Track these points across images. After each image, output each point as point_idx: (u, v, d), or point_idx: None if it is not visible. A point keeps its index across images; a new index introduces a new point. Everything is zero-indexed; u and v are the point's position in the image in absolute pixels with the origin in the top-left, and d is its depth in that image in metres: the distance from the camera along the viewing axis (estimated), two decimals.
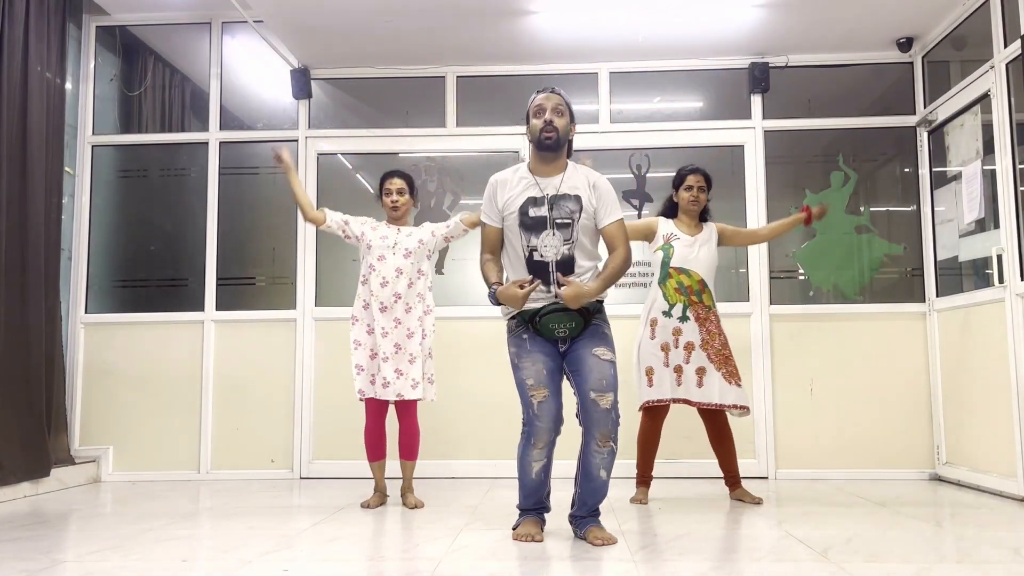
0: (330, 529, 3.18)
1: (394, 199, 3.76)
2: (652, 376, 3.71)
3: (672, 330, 3.73)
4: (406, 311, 3.68)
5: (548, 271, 2.84)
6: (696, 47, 4.82)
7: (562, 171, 2.93)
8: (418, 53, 4.88)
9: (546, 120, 2.87)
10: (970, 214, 4.25)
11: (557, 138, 2.87)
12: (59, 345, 4.57)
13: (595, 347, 2.85)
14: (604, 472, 2.86)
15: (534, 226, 2.86)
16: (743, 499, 3.78)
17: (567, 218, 2.85)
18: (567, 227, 2.85)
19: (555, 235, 2.84)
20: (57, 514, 3.65)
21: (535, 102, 2.93)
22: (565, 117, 2.91)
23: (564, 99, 2.93)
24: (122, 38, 5.23)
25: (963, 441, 4.34)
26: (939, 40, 4.62)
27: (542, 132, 2.87)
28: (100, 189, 5.11)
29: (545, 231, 2.85)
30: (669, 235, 3.81)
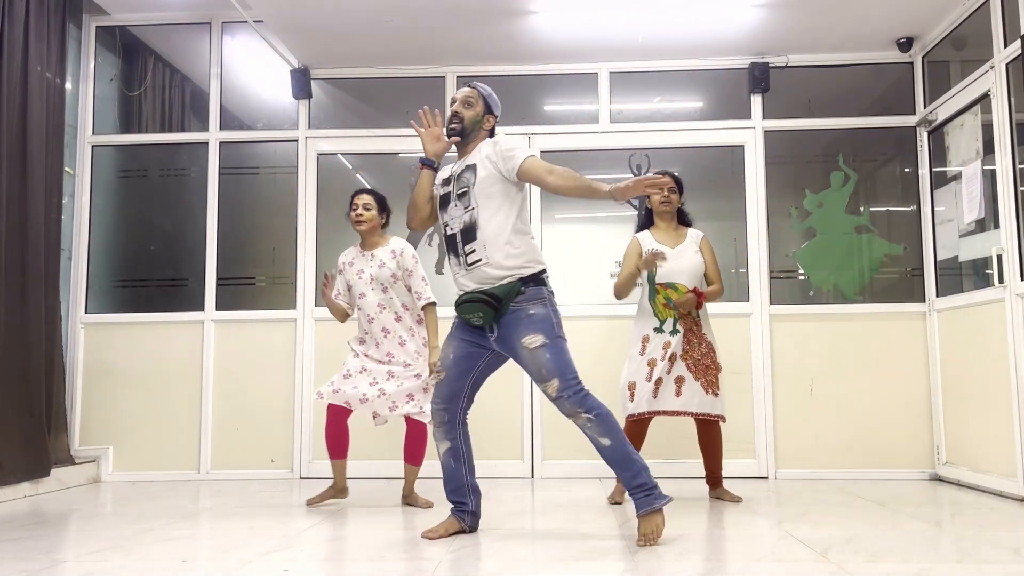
0: (330, 529, 3.18)
1: (359, 213, 3.73)
2: (634, 391, 3.69)
3: (663, 344, 3.70)
4: (400, 345, 3.69)
5: (456, 242, 2.95)
6: (696, 47, 4.82)
7: (476, 149, 3.03)
8: (418, 53, 4.88)
9: (453, 112, 3.06)
10: (970, 214, 4.25)
11: (462, 127, 3.03)
12: (59, 345, 4.57)
13: (521, 337, 2.82)
14: (604, 439, 2.80)
15: (443, 203, 3.03)
16: (723, 497, 3.79)
17: (463, 187, 2.96)
18: (464, 195, 2.95)
19: (456, 206, 2.97)
20: (57, 514, 3.65)
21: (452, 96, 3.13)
22: (474, 108, 3.04)
23: (480, 92, 3.08)
24: (122, 38, 5.23)
25: (963, 441, 4.34)
26: (939, 40, 4.62)
27: (449, 122, 3.06)
28: (100, 189, 5.11)
29: (449, 204, 3.00)
30: (651, 251, 3.70)
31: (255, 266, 5.14)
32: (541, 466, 4.74)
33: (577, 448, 4.56)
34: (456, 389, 2.97)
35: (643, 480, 2.81)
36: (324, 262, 4.98)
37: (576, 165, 5.03)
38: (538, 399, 4.73)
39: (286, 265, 5.00)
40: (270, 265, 5.11)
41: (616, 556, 2.65)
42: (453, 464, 2.99)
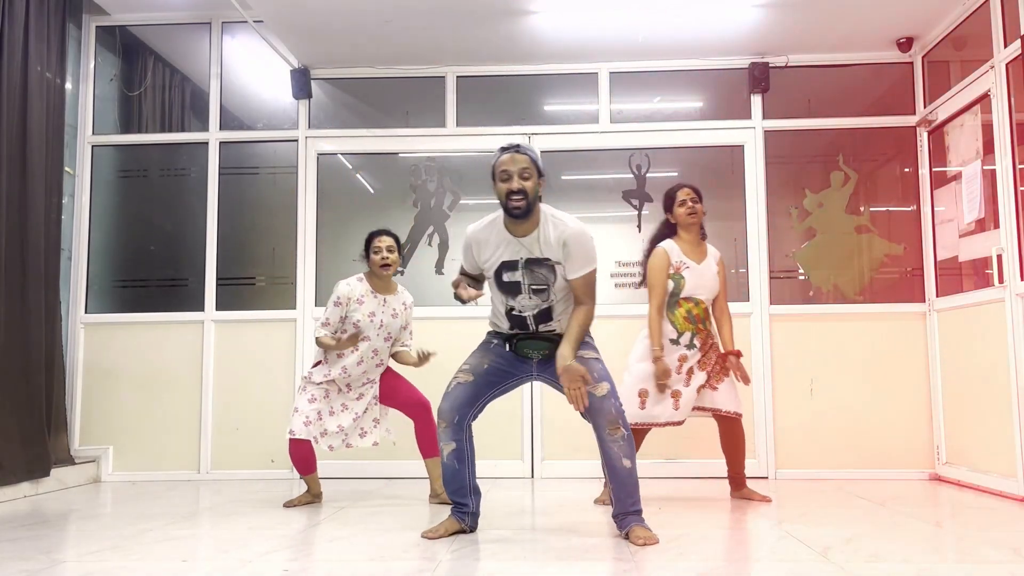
0: (330, 529, 3.18)
1: (384, 256, 3.67)
2: (645, 399, 3.64)
3: (678, 357, 3.66)
4: (368, 384, 3.77)
5: (527, 323, 2.95)
6: (696, 47, 4.82)
7: (536, 227, 2.87)
8: (418, 53, 4.88)
9: (513, 189, 2.79)
10: (970, 214, 4.25)
11: (527, 204, 2.79)
12: (59, 345, 4.57)
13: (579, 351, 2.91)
14: (626, 460, 2.84)
15: (509, 289, 2.92)
16: (751, 498, 3.77)
17: (542, 284, 2.89)
18: (542, 292, 2.90)
19: (531, 299, 2.90)
20: (57, 514, 3.65)
21: (500, 164, 2.84)
22: (532, 179, 2.81)
23: (530, 157, 2.83)
24: (122, 38, 5.23)
25: (963, 441, 4.34)
26: (939, 40, 4.62)
27: (509, 199, 2.80)
28: (100, 189, 5.11)
29: (521, 295, 2.90)
30: (680, 264, 3.70)
31: (255, 266, 5.14)
32: (541, 466, 4.74)
33: (576, 448, 4.57)
34: (477, 395, 2.97)
35: (640, 505, 2.91)
36: (324, 262, 4.98)
37: (576, 165, 5.08)
38: (538, 399, 4.73)
39: (286, 265, 5.00)
40: (270, 265, 5.11)
41: (616, 556, 2.65)
42: (456, 466, 2.98)
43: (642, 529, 2.84)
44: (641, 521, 2.88)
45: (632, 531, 2.84)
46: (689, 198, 3.75)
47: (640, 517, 2.89)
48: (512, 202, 2.79)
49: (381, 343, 3.69)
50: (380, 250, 3.68)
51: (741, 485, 3.84)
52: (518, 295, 2.90)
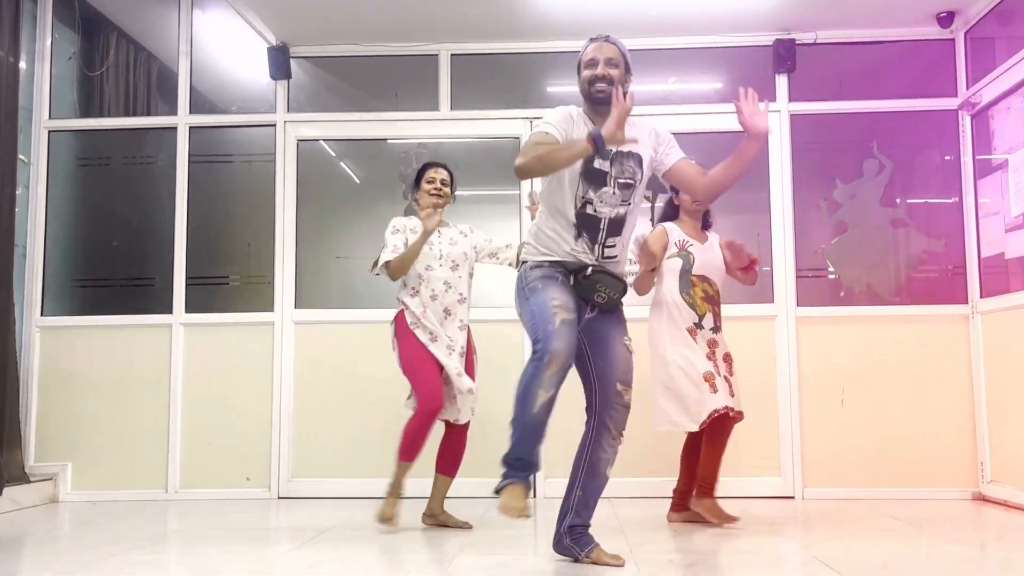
0: (312, 554, 3.19)
1: (438, 187, 3.80)
2: (714, 381, 3.62)
3: (708, 341, 3.71)
4: (459, 329, 3.74)
5: (599, 227, 2.88)
6: (714, 22, 4.81)
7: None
8: (408, 29, 4.88)
9: (597, 74, 2.88)
10: (1017, 206, 4.25)
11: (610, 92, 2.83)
12: (12, 351, 4.57)
13: (623, 335, 2.94)
14: (609, 468, 2.91)
15: (595, 178, 2.87)
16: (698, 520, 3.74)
17: (630, 178, 2.90)
18: (628, 188, 2.90)
19: (615, 194, 2.88)
20: (11, 537, 3.65)
21: (586, 53, 2.95)
22: (620, 68, 2.91)
23: (620, 48, 2.94)
24: (82, 12, 5.22)
25: (1010, 457, 4.34)
26: (983, 14, 4.62)
27: (592, 84, 2.88)
28: (58, 178, 5.12)
29: (605, 188, 2.87)
30: (683, 241, 3.78)
31: (228, 264, 5.15)
32: (544, 484, 4.73)
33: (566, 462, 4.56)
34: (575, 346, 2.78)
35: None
36: (305, 260, 4.98)
37: None
38: None
39: (263, 263, 5.01)
40: (245, 263, 5.11)
41: None
42: (544, 418, 2.71)
43: (603, 552, 2.85)
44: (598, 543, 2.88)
45: (597, 552, 2.84)
46: None
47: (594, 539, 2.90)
48: (596, 87, 2.86)
49: (448, 272, 3.74)
50: (434, 180, 3.81)
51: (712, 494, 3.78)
52: (602, 187, 2.87)
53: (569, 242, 2.88)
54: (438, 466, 3.81)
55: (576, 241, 2.88)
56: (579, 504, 2.89)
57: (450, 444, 3.78)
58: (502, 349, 4.74)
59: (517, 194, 4.86)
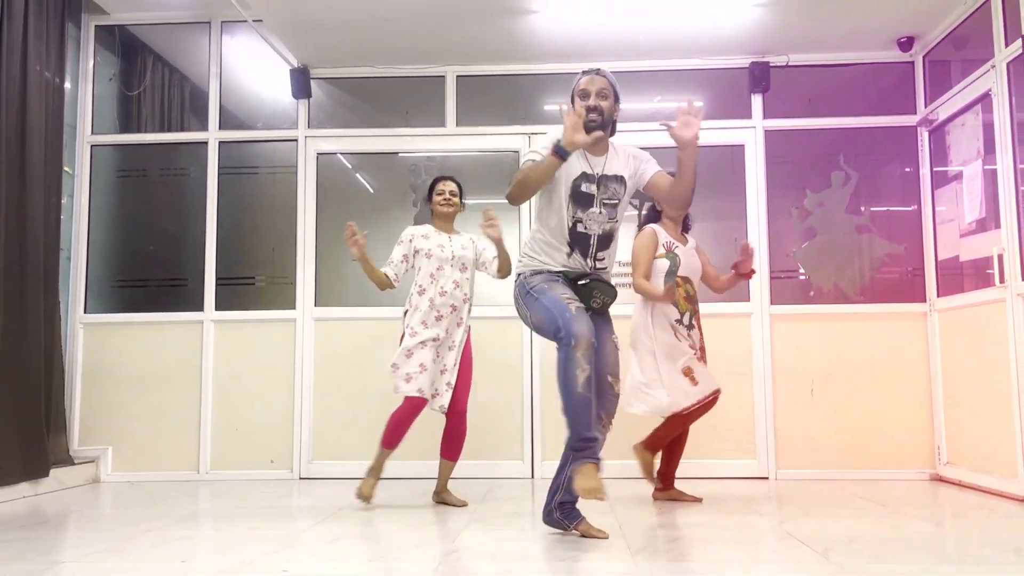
0: (330, 529, 3.18)
1: (447, 197, 3.85)
2: (693, 374, 3.62)
3: (680, 337, 3.70)
4: (457, 325, 3.75)
5: (589, 243, 2.95)
6: (696, 46, 4.81)
7: (605, 152, 3.02)
8: (418, 52, 4.88)
9: (590, 106, 2.92)
10: (971, 214, 4.25)
11: (601, 120, 2.93)
12: (58, 345, 4.56)
13: (611, 333, 3.00)
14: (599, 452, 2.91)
15: (583, 200, 2.93)
16: (680, 498, 3.77)
17: (613, 198, 2.97)
18: (613, 207, 2.97)
19: (602, 213, 2.95)
20: (56, 515, 3.64)
21: (579, 85, 2.99)
22: (610, 99, 2.97)
23: (609, 81, 2.99)
24: (121, 37, 5.22)
25: (964, 441, 4.34)
26: (940, 39, 4.61)
27: (587, 115, 2.90)
28: (99, 189, 5.11)
29: (592, 208, 2.93)
30: (669, 243, 3.79)
31: (254, 266, 5.13)
32: (541, 466, 4.73)
33: None
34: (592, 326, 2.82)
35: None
36: (324, 262, 4.97)
37: None
38: (538, 398, 4.72)
39: (286, 265, 5.00)
40: (269, 265, 5.10)
41: (615, 556, 2.64)
42: (589, 394, 2.72)
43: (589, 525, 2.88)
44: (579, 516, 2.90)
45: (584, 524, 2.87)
46: None
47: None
48: (588, 119, 2.89)
49: (458, 274, 3.75)
50: (443, 192, 3.86)
51: (672, 485, 3.82)
52: (589, 208, 2.93)
53: (562, 258, 2.95)
54: (442, 451, 3.80)
55: (569, 257, 2.94)
56: (569, 483, 2.87)
57: (452, 432, 3.78)
58: (504, 345, 4.74)
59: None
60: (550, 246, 2.96)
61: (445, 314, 3.71)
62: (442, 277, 3.73)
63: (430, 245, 3.77)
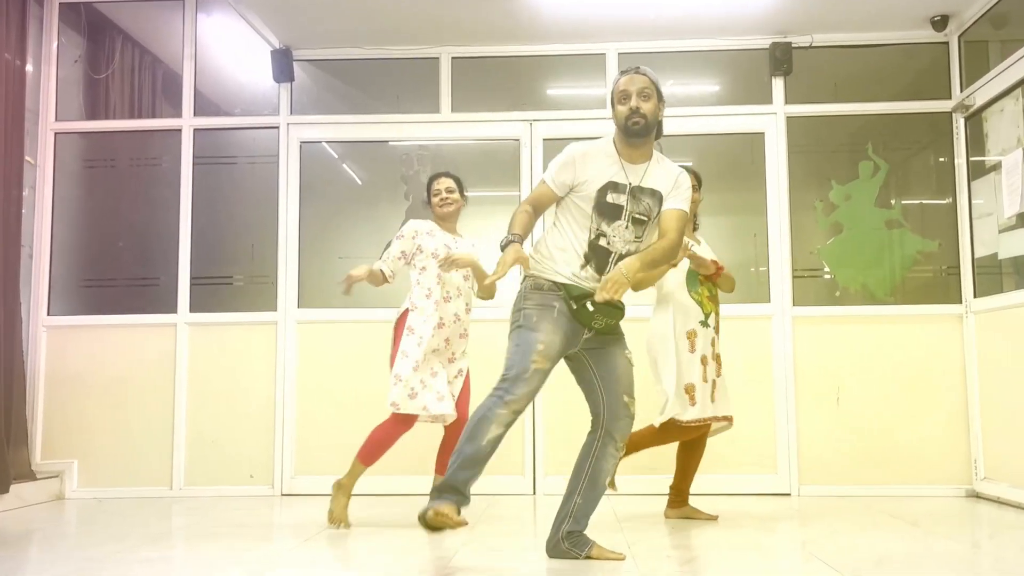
0: (315, 551, 3.18)
1: (444, 196, 3.82)
2: (694, 394, 3.64)
3: (710, 341, 3.71)
4: (459, 337, 3.77)
5: (608, 260, 2.86)
6: (712, 25, 4.81)
7: (647, 159, 2.93)
8: (410, 32, 4.88)
9: (632, 107, 2.85)
10: (1011, 207, 4.25)
11: (645, 124, 2.86)
12: (19, 350, 4.56)
13: (624, 348, 2.96)
14: (608, 479, 2.95)
15: (609, 212, 2.86)
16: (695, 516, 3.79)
17: (644, 214, 2.89)
18: (642, 224, 2.89)
19: (628, 229, 2.86)
20: (17, 534, 3.65)
21: (619, 86, 2.92)
22: (652, 100, 2.90)
23: (651, 79, 2.92)
24: (88, 16, 5.22)
25: (1003, 454, 4.34)
26: (977, 18, 4.61)
27: (628, 119, 2.85)
28: (64, 180, 5.11)
29: (619, 221, 2.86)
30: (686, 243, 3.76)
31: (232, 264, 5.14)
32: (543, 482, 4.74)
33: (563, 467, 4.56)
34: (544, 381, 2.84)
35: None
36: (307, 260, 4.98)
37: None
38: (540, 411, 4.72)
39: (266, 263, 5.00)
40: (249, 263, 5.10)
41: None
42: (489, 452, 2.76)
43: (602, 548, 2.89)
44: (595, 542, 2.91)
45: (595, 549, 2.88)
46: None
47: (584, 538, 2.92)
48: (631, 120, 2.84)
49: (460, 280, 3.76)
50: (439, 192, 3.84)
51: (686, 501, 3.85)
52: (616, 221, 2.86)
53: (575, 267, 2.86)
54: (437, 467, 3.80)
55: (582, 269, 2.87)
56: (578, 511, 2.91)
57: (449, 445, 3.77)
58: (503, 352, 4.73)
59: (517, 195, 4.85)
60: (563, 253, 2.89)
61: (448, 322, 3.72)
62: (447, 281, 3.74)
63: (436, 244, 3.75)
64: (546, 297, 2.85)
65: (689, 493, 3.86)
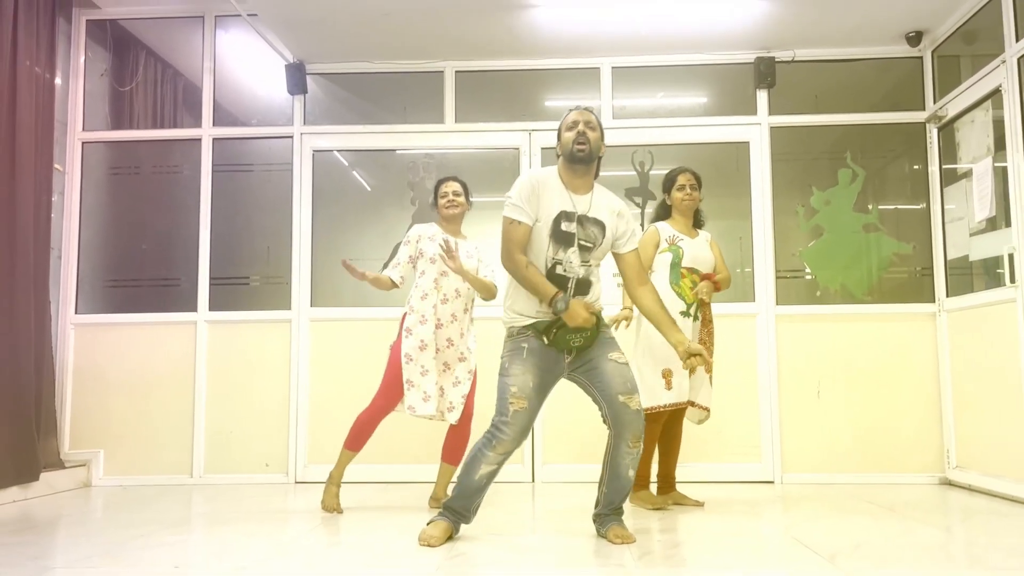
0: (326, 535, 3.18)
1: (451, 199, 3.82)
2: (671, 379, 3.66)
3: (689, 330, 3.71)
4: (460, 335, 3.74)
5: (567, 287, 2.90)
6: (700, 41, 4.81)
7: (590, 190, 3.01)
8: (416, 47, 4.87)
9: (579, 131, 2.94)
10: (981, 212, 4.24)
11: (589, 150, 2.94)
12: (48, 346, 4.56)
13: (610, 353, 2.96)
14: (631, 471, 2.98)
15: (564, 240, 2.90)
16: (684, 503, 3.79)
17: (590, 241, 2.93)
18: (588, 250, 2.93)
19: (577, 254, 2.91)
20: (46, 519, 3.64)
21: (568, 118, 3.02)
22: (597, 132, 2.99)
23: (596, 118, 3.03)
24: (113, 32, 5.22)
25: (974, 444, 4.34)
26: (949, 34, 4.61)
27: (575, 144, 2.93)
28: (91, 186, 5.11)
29: (572, 248, 2.91)
30: (672, 237, 3.80)
31: (249, 265, 5.13)
32: (542, 470, 4.73)
33: (578, 452, 4.56)
34: (532, 421, 2.95)
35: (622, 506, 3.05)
36: (320, 261, 4.97)
37: None
38: None
39: (281, 264, 5.00)
40: (264, 264, 5.10)
41: (617, 563, 2.64)
42: (484, 485, 2.98)
43: (620, 528, 2.97)
44: (620, 521, 3.02)
45: (611, 530, 2.96)
46: (688, 183, 3.87)
47: (620, 518, 3.03)
48: (577, 145, 2.92)
49: (460, 282, 3.73)
50: (447, 194, 3.83)
51: (673, 486, 3.85)
52: (570, 248, 2.90)
53: (536, 303, 2.91)
54: (443, 456, 3.81)
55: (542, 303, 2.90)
56: (604, 499, 3.03)
57: (455, 437, 3.78)
58: None
59: None
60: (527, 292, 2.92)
61: (445, 323, 3.70)
62: (446, 283, 3.72)
63: (435, 249, 3.74)
64: (515, 341, 2.95)
65: (675, 480, 3.86)
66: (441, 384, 3.71)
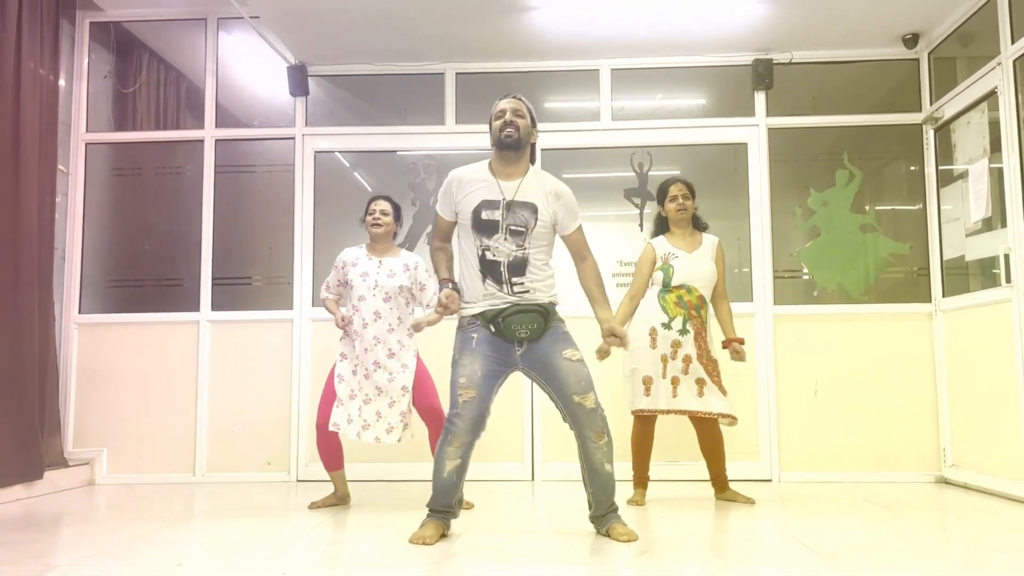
0: (328, 533, 3.18)
1: (376, 217, 3.82)
2: (650, 386, 3.73)
3: (672, 342, 3.74)
4: (388, 356, 3.70)
5: (500, 270, 2.92)
6: (699, 43, 4.81)
7: (522, 175, 3.00)
8: (417, 49, 4.87)
9: (507, 120, 2.95)
10: (977, 213, 4.25)
11: (518, 137, 2.94)
12: (52, 346, 4.56)
13: (563, 350, 2.95)
14: (608, 464, 2.94)
15: (486, 228, 2.93)
16: (735, 499, 3.81)
17: (521, 226, 2.93)
18: (520, 235, 2.93)
19: (507, 240, 2.92)
20: (50, 518, 3.64)
21: (497, 107, 3.03)
22: (525, 119, 2.99)
23: (526, 105, 3.03)
24: (116, 34, 5.22)
25: (970, 443, 4.34)
26: (945, 36, 4.61)
27: (502, 131, 2.95)
28: (94, 187, 5.10)
29: (497, 234, 2.92)
30: (667, 255, 3.83)
31: (251, 266, 5.13)
32: (542, 468, 4.73)
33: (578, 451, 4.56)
34: (485, 409, 2.93)
35: (616, 503, 3.02)
36: (321, 262, 4.97)
37: (577, 163, 5.07)
38: (539, 400, 4.72)
39: (283, 265, 5.00)
40: (266, 265, 5.10)
41: (617, 560, 2.64)
42: (455, 480, 2.96)
43: (621, 526, 2.95)
44: (619, 518, 2.98)
45: (613, 529, 2.93)
46: (680, 194, 3.89)
47: (618, 515, 3.00)
48: (504, 132, 2.94)
49: (380, 303, 3.71)
50: (373, 212, 3.84)
51: (725, 487, 3.87)
52: (494, 235, 2.92)
53: (479, 287, 2.95)
54: None
55: (484, 284, 2.94)
56: (593, 500, 3.00)
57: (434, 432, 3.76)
58: None
59: None
60: (468, 278, 2.99)
61: (369, 346, 3.68)
62: (364, 307, 3.71)
63: (354, 274, 3.76)
64: (465, 331, 2.99)
65: (727, 479, 3.88)
66: (377, 408, 3.67)
